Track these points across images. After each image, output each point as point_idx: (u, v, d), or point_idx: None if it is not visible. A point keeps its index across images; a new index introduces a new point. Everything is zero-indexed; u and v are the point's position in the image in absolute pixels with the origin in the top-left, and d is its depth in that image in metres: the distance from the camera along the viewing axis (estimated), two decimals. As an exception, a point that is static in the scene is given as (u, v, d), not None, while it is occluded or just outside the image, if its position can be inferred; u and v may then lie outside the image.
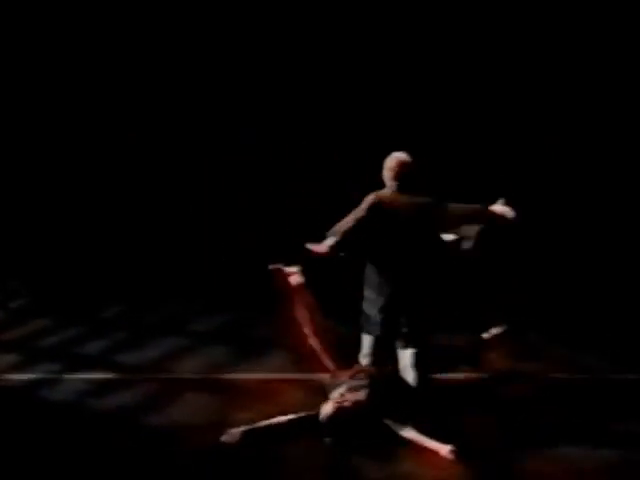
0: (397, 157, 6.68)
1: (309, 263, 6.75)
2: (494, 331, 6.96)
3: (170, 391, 7.11)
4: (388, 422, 6.30)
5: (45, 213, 10.15)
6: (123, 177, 10.12)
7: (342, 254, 6.62)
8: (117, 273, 9.71)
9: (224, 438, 6.22)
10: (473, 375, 7.32)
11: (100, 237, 10.02)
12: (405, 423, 6.28)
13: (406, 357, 6.62)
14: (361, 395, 6.40)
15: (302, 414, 6.37)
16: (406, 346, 6.60)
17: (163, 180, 10.14)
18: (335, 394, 6.44)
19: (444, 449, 6.09)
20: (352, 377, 6.54)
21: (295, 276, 6.85)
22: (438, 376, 6.80)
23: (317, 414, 6.32)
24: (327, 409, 6.31)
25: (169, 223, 10.07)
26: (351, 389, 6.44)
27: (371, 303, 6.70)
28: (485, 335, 6.96)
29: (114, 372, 7.49)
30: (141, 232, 10.01)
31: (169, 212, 10.10)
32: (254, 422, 6.34)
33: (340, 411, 6.27)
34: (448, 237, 6.70)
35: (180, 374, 7.49)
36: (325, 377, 6.75)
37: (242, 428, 6.27)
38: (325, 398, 6.47)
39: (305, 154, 9.97)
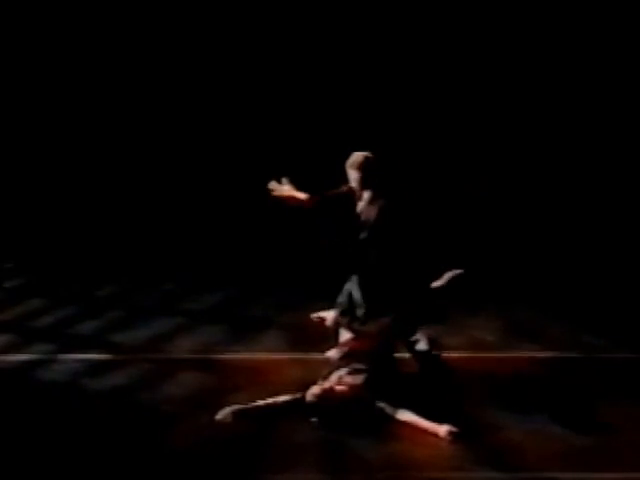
0: (360, 155, 6.71)
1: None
2: (448, 276, 6.88)
3: (164, 371, 7.10)
4: (382, 405, 6.30)
5: (39, 194, 10.15)
6: (116, 158, 10.12)
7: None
8: (111, 253, 9.70)
9: (218, 417, 6.22)
10: (470, 354, 7.32)
11: (94, 218, 10.02)
12: (400, 405, 6.26)
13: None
14: (359, 379, 6.39)
15: (297, 395, 6.36)
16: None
17: (155, 160, 10.13)
18: (334, 377, 6.44)
19: (441, 430, 6.08)
20: (351, 357, 6.53)
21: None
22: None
23: (302, 400, 6.30)
24: (313, 390, 6.29)
25: (162, 203, 10.08)
26: (350, 372, 6.43)
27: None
28: (438, 283, 6.86)
29: (109, 352, 7.48)
30: (134, 212, 10.01)
31: (162, 192, 10.11)
32: (248, 401, 6.34)
33: (327, 393, 6.26)
34: None
35: (174, 354, 7.48)
36: (326, 356, 6.79)
37: (235, 407, 6.27)
38: (320, 378, 6.46)
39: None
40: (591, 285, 8.84)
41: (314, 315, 7.60)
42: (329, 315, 7.20)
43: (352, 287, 6.82)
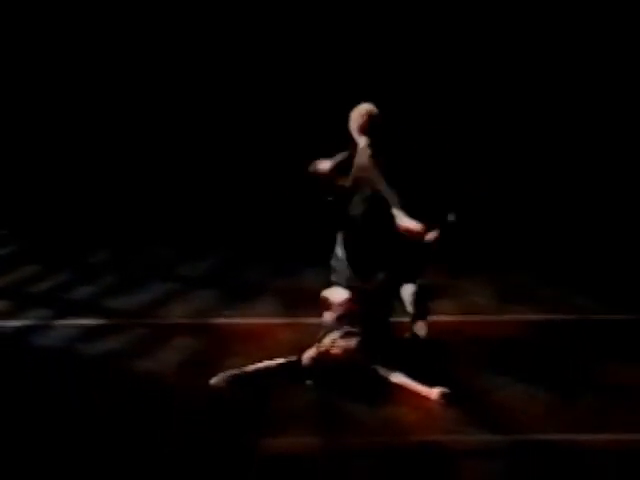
0: (365, 107, 6.55)
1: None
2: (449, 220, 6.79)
3: (159, 336, 7.11)
4: (377, 368, 6.33)
5: (31, 159, 10.10)
6: (108, 123, 10.06)
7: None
8: (105, 218, 9.67)
9: (212, 382, 6.24)
10: (462, 318, 7.34)
11: (87, 182, 9.98)
12: (394, 368, 6.30)
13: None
14: (352, 342, 6.40)
15: (292, 358, 6.38)
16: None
17: (148, 122, 10.08)
18: (327, 340, 6.44)
19: (433, 393, 6.11)
20: (345, 320, 6.53)
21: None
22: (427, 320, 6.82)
23: (298, 362, 6.34)
24: (309, 353, 6.32)
25: (156, 167, 10.04)
26: (344, 335, 6.43)
27: None
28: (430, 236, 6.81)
29: (103, 317, 7.48)
30: (128, 176, 9.97)
31: (156, 155, 10.06)
32: (243, 366, 6.35)
33: (322, 356, 6.28)
34: None
35: (169, 319, 7.48)
36: (319, 320, 6.76)
37: (230, 372, 6.28)
38: (315, 341, 6.48)
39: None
40: (583, 247, 8.85)
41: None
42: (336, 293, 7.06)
43: (337, 246, 6.70)
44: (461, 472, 5.43)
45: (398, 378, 6.25)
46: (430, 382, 6.17)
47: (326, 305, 6.61)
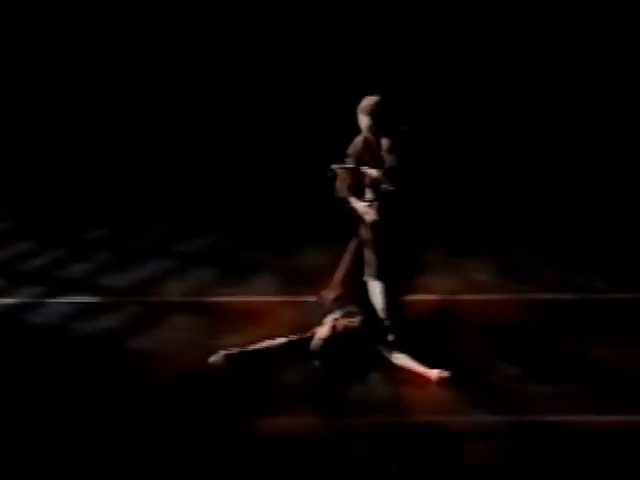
0: (372, 99, 6.48)
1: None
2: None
3: (156, 314, 7.07)
4: (379, 347, 6.31)
5: (27, 135, 10.05)
6: (106, 100, 10.03)
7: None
8: (101, 194, 9.62)
9: (211, 360, 6.20)
10: (464, 297, 7.29)
11: (83, 158, 9.93)
12: (396, 349, 6.27)
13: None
14: (355, 321, 6.37)
15: (293, 337, 6.35)
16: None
17: (147, 102, 10.04)
18: (328, 318, 6.42)
19: (433, 374, 6.10)
20: (345, 300, 6.50)
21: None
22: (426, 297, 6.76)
23: (308, 337, 6.31)
24: (322, 333, 6.28)
25: (155, 143, 10.00)
26: (345, 315, 6.41)
27: None
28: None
29: (99, 295, 7.44)
30: (125, 152, 9.93)
31: (155, 133, 10.03)
32: (242, 345, 6.33)
33: (334, 335, 6.25)
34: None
35: (167, 297, 7.44)
36: (318, 299, 6.74)
37: (230, 350, 6.23)
38: (316, 321, 6.46)
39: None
40: (586, 226, 8.80)
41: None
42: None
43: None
44: (461, 453, 5.46)
45: (399, 359, 6.24)
46: (430, 363, 6.15)
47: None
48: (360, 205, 6.45)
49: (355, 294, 6.53)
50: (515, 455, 5.43)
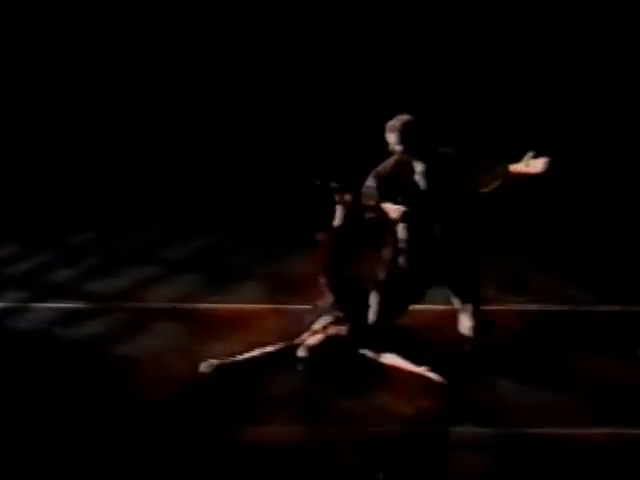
0: (401, 118, 6.30)
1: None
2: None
3: (141, 320, 7.06)
4: (365, 352, 6.31)
5: (13, 137, 10.00)
6: (93, 103, 9.99)
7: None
8: (87, 198, 9.58)
9: (202, 368, 6.20)
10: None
11: (69, 161, 9.89)
12: (383, 351, 6.29)
13: None
14: (343, 329, 6.39)
15: (282, 345, 6.35)
16: None
17: (133, 104, 10.01)
18: (317, 326, 6.44)
19: (422, 370, 6.14)
20: (333, 309, 6.51)
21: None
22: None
23: (295, 345, 6.32)
24: (310, 341, 6.30)
25: (142, 148, 9.96)
26: (333, 322, 6.42)
27: None
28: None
29: (84, 301, 7.41)
30: (113, 157, 9.89)
31: (141, 137, 9.99)
32: (228, 352, 6.34)
33: (321, 344, 6.28)
34: None
35: (152, 303, 7.41)
36: (305, 307, 6.75)
37: (222, 360, 6.25)
38: (302, 329, 6.46)
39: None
40: (577, 238, 8.81)
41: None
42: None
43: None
44: (449, 464, 5.51)
45: (388, 359, 6.25)
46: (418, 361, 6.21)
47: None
48: (389, 205, 6.23)
49: (345, 299, 6.55)
50: (505, 468, 5.45)
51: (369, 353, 6.29)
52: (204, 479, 5.32)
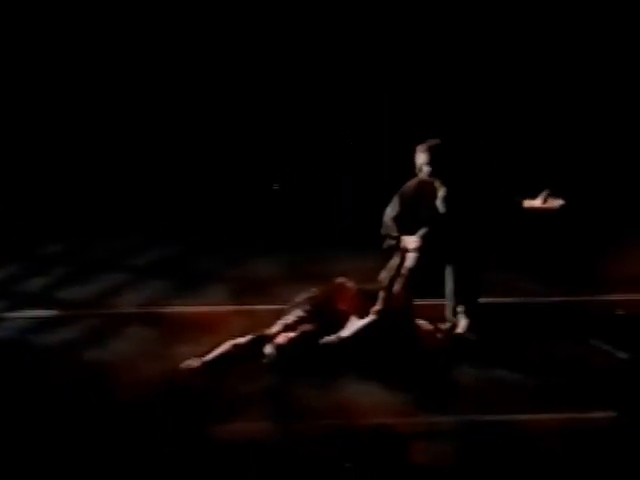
0: (433, 141, 6.56)
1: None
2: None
3: (113, 326, 7.11)
4: (327, 340, 6.42)
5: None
6: (63, 111, 9.90)
7: None
8: (55, 208, 9.56)
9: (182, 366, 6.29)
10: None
11: (39, 173, 9.82)
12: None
13: None
14: (308, 327, 6.48)
15: (253, 335, 6.46)
16: None
17: (104, 113, 9.93)
18: (289, 319, 6.55)
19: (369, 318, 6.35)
20: (302, 305, 6.63)
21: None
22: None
23: (265, 336, 6.42)
24: (280, 340, 6.39)
25: (107, 157, 9.91)
26: (297, 321, 6.52)
27: None
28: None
29: (56, 309, 7.45)
30: (80, 166, 9.84)
31: (108, 147, 9.93)
32: (197, 353, 6.40)
33: (289, 342, 6.36)
34: None
35: (122, 308, 7.49)
36: (269, 308, 6.88)
37: (205, 358, 6.35)
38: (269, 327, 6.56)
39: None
40: (529, 235, 8.90)
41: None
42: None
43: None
44: (411, 454, 5.50)
45: (346, 332, 6.38)
46: (386, 366, 6.32)
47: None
48: (407, 238, 6.53)
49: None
50: (465, 455, 5.49)
51: (330, 339, 6.37)
52: (176, 478, 5.31)
